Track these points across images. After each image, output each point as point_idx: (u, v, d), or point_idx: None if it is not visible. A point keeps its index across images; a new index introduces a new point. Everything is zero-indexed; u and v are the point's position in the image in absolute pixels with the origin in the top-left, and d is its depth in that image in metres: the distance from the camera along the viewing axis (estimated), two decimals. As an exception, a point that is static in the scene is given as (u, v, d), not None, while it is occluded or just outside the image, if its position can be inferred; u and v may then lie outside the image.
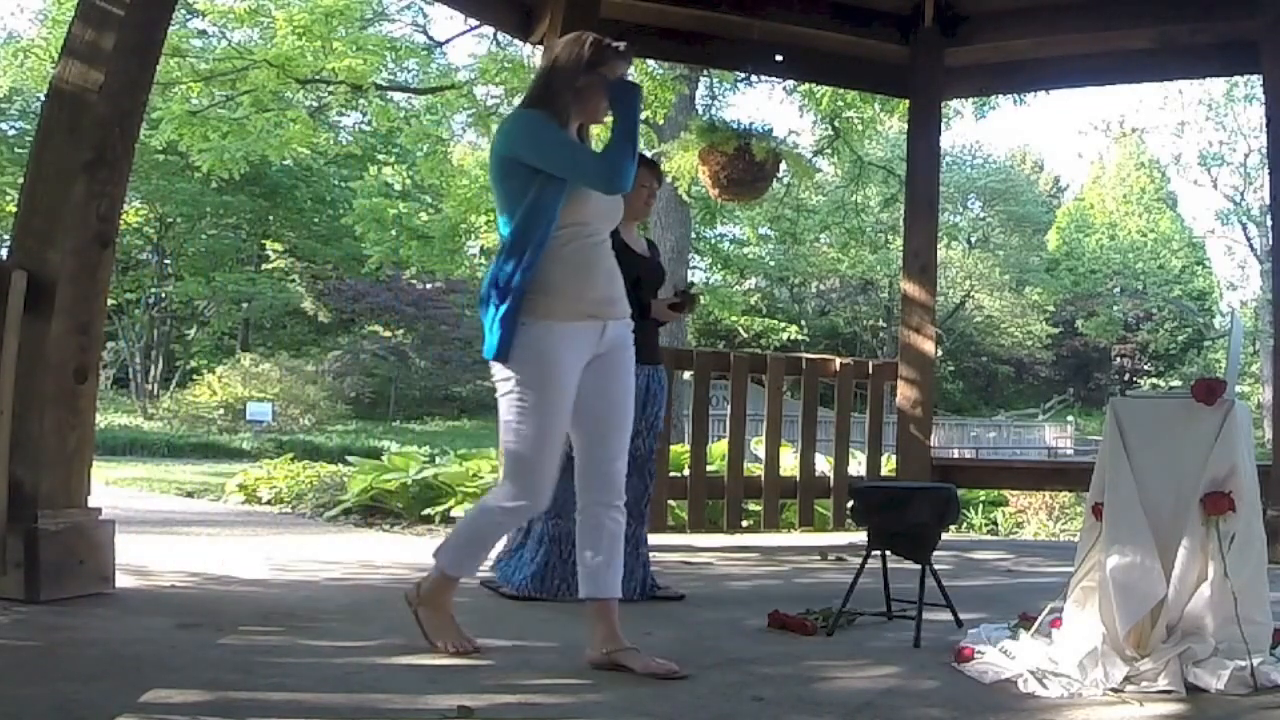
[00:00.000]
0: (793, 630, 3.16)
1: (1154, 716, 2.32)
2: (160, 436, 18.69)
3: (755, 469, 6.05)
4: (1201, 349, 33.62)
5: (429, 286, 25.61)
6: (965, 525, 7.88)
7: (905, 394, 5.99)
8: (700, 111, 15.05)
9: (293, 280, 27.45)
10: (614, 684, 2.53)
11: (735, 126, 5.08)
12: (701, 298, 4.07)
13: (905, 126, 6.81)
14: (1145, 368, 33.96)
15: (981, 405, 33.33)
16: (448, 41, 22.58)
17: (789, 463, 6.28)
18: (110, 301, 6.40)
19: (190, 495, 8.85)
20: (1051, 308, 33.67)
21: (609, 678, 2.59)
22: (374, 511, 6.58)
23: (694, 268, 23.74)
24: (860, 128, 14.21)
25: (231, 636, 2.91)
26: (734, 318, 25.02)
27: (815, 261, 30.62)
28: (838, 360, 6.18)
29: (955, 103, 12.21)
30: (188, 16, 14.10)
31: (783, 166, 5.31)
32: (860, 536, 3.64)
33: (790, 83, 12.88)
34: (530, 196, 2.61)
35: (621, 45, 2.76)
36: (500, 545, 3.56)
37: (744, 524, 5.89)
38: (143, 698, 2.24)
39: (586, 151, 2.72)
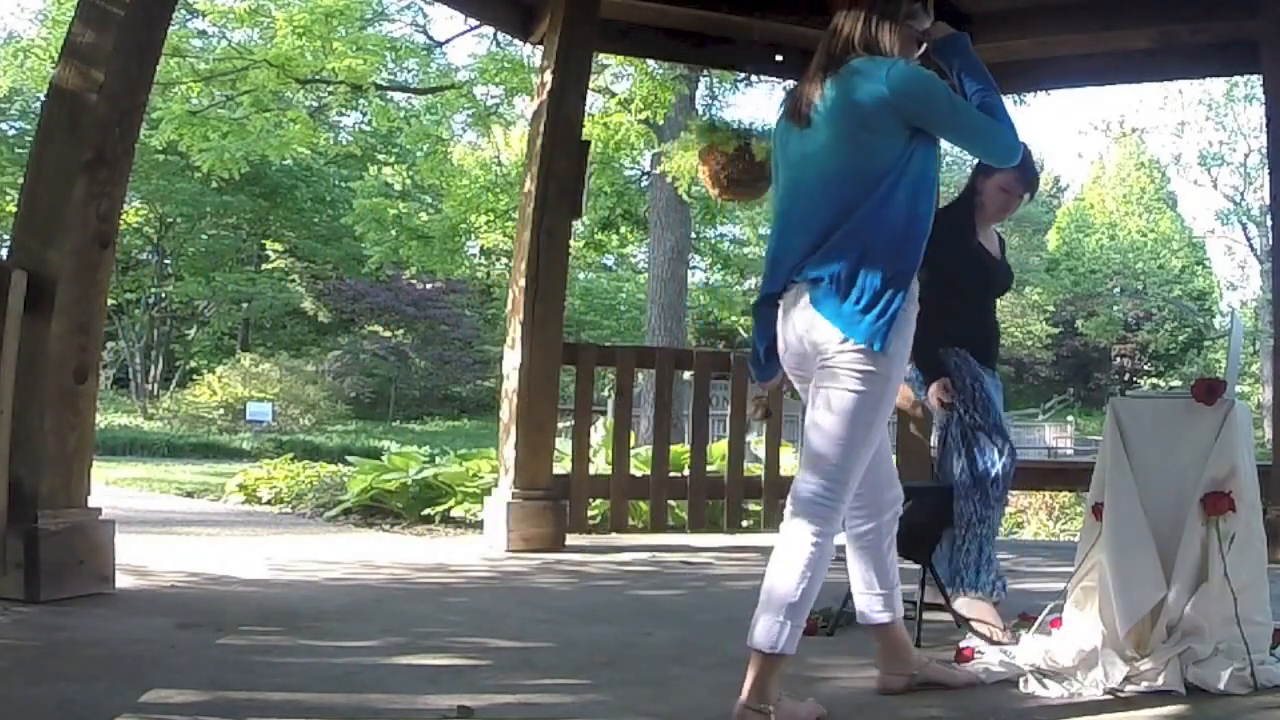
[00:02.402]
0: (793, 630, 3.16)
1: (1154, 716, 2.32)
2: (160, 436, 18.66)
3: (755, 469, 6.05)
4: (1201, 349, 33.61)
5: (429, 286, 25.61)
6: (965, 525, 7.86)
7: (905, 394, 5.97)
8: (700, 111, 15.02)
9: (293, 280, 27.43)
10: (614, 684, 2.53)
11: (735, 126, 5.08)
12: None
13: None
14: (1145, 368, 33.95)
15: (981, 405, 33.24)
16: (448, 41, 22.55)
17: (789, 463, 6.27)
18: (110, 301, 6.40)
19: (190, 495, 8.85)
20: (1051, 308, 33.67)
21: (609, 678, 2.59)
22: (374, 511, 6.57)
23: (694, 268, 23.72)
24: (860, 127, 14.17)
25: (231, 636, 2.91)
26: (734, 318, 24.99)
27: (815, 261, 30.56)
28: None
29: (955, 103, 12.20)
30: (188, 16, 14.10)
31: (783, 166, 5.30)
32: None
33: (790, 83, 12.87)
34: (916, 163, 2.31)
35: None
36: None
37: (744, 524, 5.88)
38: (143, 698, 2.24)
39: (979, 113, 2.35)
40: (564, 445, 5.90)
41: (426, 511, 6.38)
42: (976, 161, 3.35)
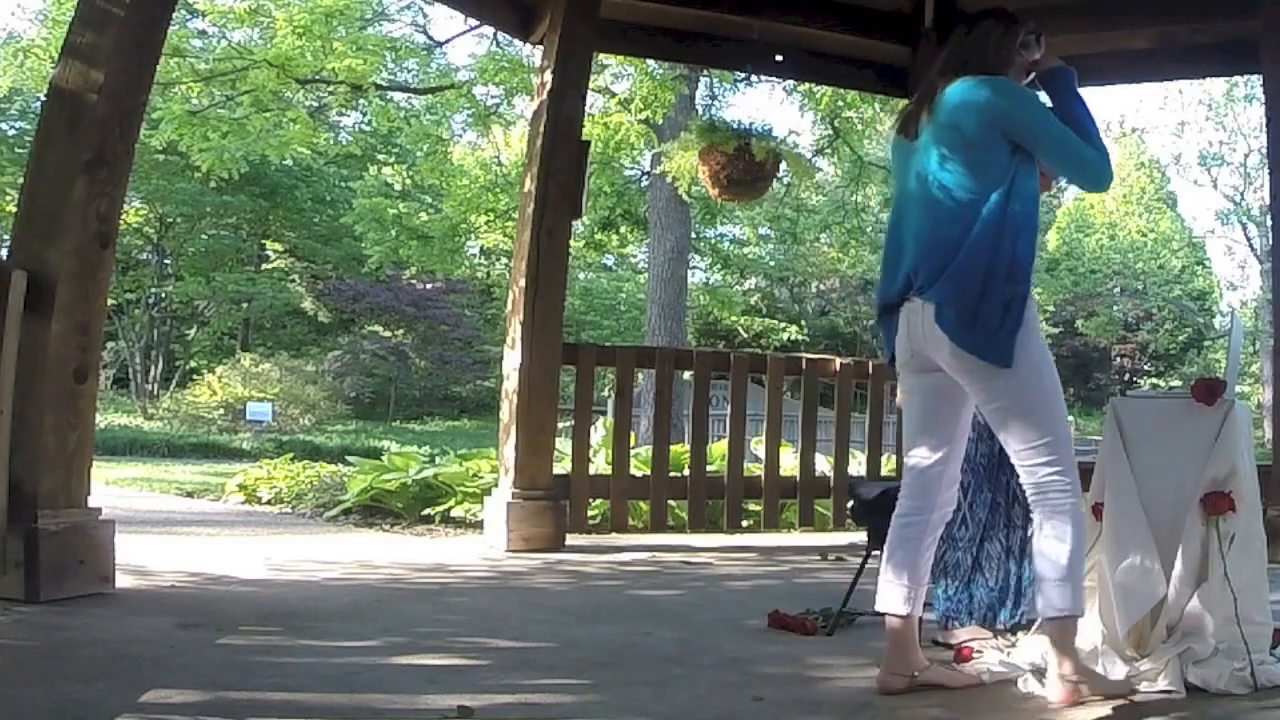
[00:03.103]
0: (793, 630, 3.16)
1: (1154, 717, 2.32)
2: (160, 436, 18.66)
3: (755, 469, 6.05)
4: (1201, 349, 33.61)
5: (429, 286, 25.62)
6: (965, 525, 7.86)
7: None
8: (700, 111, 15.06)
9: (293, 280, 27.43)
10: (614, 684, 2.53)
11: (735, 126, 5.08)
12: None
13: (905, 126, 6.78)
14: (1145, 368, 33.94)
15: (981, 405, 33.22)
16: (448, 41, 22.57)
17: (789, 463, 6.28)
18: (110, 301, 6.39)
19: (190, 495, 8.84)
20: (1051, 308, 33.63)
21: (609, 678, 2.59)
22: (374, 511, 6.57)
23: (694, 268, 23.73)
24: (860, 128, 14.21)
25: (231, 636, 2.91)
26: (734, 318, 25.01)
27: (815, 261, 30.60)
28: (838, 360, 6.18)
29: (955, 102, 12.21)
30: (188, 16, 14.10)
31: (783, 166, 5.31)
32: (860, 536, 3.64)
33: (790, 83, 12.90)
34: (1020, 181, 2.44)
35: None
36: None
37: (744, 524, 5.89)
38: (143, 698, 2.24)
39: (1078, 138, 2.47)
40: (564, 445, 5.91)
41: (426, 511, 6.38)
42: None
